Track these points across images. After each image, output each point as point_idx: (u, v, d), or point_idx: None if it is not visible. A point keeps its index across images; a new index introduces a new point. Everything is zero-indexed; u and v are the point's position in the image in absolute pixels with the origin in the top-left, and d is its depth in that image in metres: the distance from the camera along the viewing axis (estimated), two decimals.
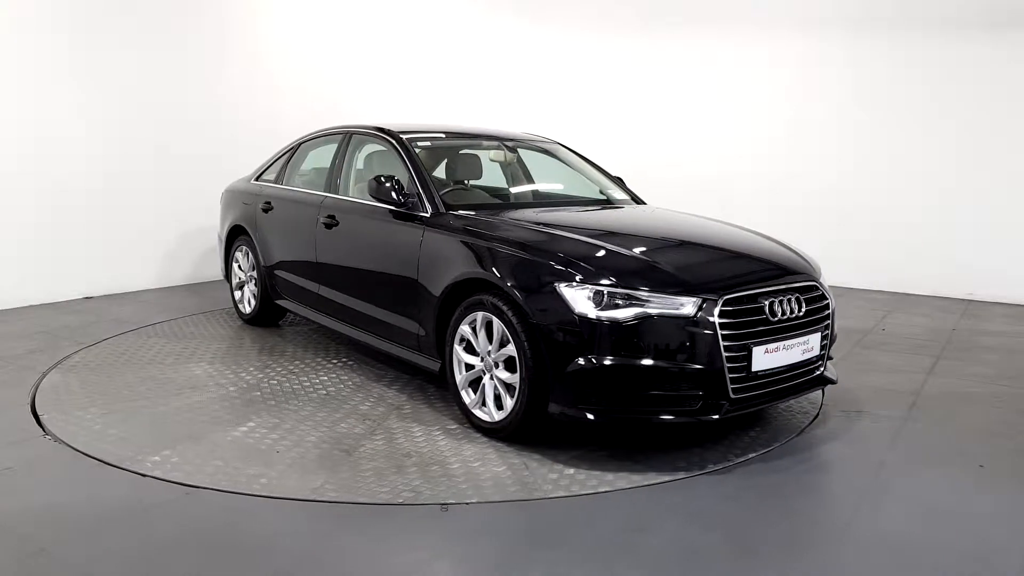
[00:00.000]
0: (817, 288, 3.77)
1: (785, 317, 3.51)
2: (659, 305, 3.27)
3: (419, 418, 3.97)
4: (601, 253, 3.57)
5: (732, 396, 3.35)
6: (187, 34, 7.34)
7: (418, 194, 4.22)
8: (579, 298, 3.30)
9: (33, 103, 6.30)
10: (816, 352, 3.69)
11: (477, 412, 3.74)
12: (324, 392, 4.33)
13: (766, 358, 3.42)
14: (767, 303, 3.46)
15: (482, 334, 3.66)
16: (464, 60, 9.70)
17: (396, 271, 4.20)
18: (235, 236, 5.94)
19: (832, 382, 3.86)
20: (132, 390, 4.28)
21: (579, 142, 8.80)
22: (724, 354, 3.29)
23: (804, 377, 3.69)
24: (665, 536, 2.89)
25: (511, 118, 9.12)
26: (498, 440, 3.65)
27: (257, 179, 5.88)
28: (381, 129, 4.83)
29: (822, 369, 3.80)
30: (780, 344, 3.47)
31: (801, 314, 3.59)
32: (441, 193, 4.25)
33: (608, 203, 4.92)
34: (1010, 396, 4.53)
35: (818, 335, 3.68)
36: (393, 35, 9.34)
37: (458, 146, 5.01)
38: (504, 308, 3.50)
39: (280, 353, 5.08)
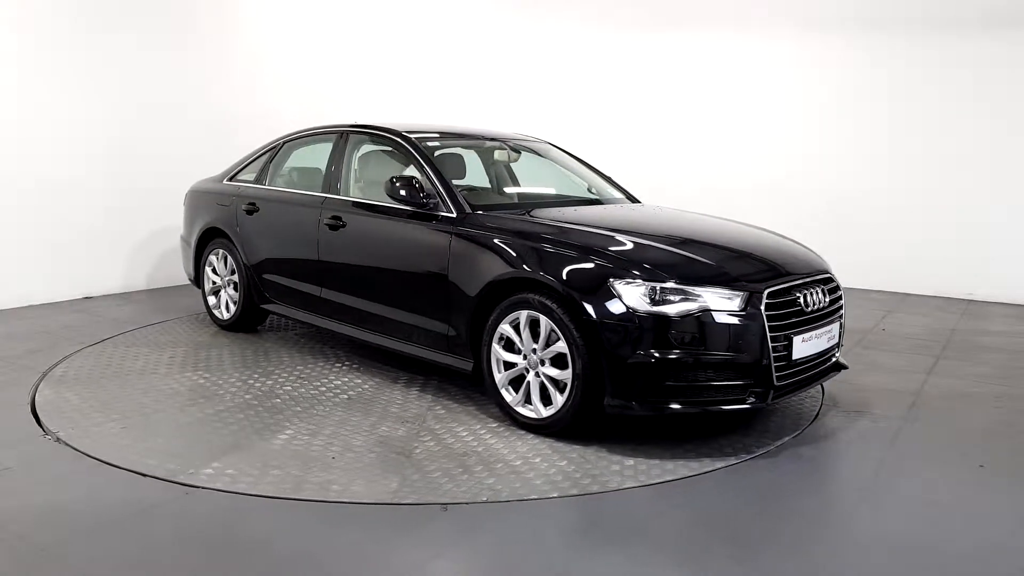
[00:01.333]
0: (832, 280, 4.04)
1: (816, 308, 3.76)
2: (710, 299, 3.42)
3: (456, 418, 3.98)
4: (650, 250, 3.71)
5: (776, 384, 3.52)
6: (187, 34, 7.35)
7: (439, 195, 4.21)
8: (635, 294, 3.40)
9: (33, 104, 6.30)
10: (836, 340, 3.96)
11: (521, 410, 3.78)
12: (345, 396, 4.27)
13: (803, 346, 3.64)
14: (801, 295, 3.69)
15: (526, 332, 3.70)
16: (460, 57, 9.70)
17: (421, 272, 4.17)
18: (208, 239, 5.70)
19: (845, 367, 4.12)
20: (140, 401, 4.13)
21: (577, 141, 8.82)
22: (770, 344, 3.46)
23: (825, 364, 3.92)
24: (664, 535, 2.89)
25: (508, 116, 9.12)
26: (546, 436, 3.70)
27: (231, 179, 5.69)
28: (388, 129, 4.78)
29: (837, 355, 4.05)
30: (812, 333, 3.71)
31: (827, 304, 3.85)
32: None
33: (605, 201, 4.95)
34: (1010, 396, 4.53)
35: (837, 324, 3.95)
36: (385, 32, 9.34)
37: (454, 146, 4.98)
38: (554, 306, 3.55)
39: (277, 359, 4.97)
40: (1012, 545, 2.82)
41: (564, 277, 3.55)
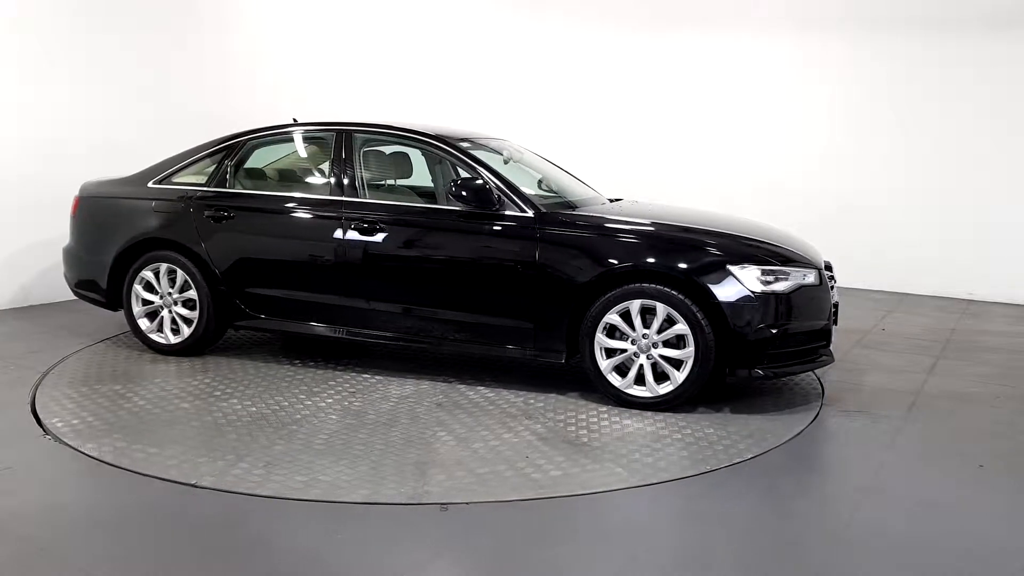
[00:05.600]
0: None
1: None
2: (799, 277, 4.06)
3: (562, 407, 4.14)
4: (735, 239, 4.19)
5: (830, 343, 4.24)
6: (187, 34, 7.34)
7: (508, 196, 4.32)
8: (750, 277, 3.95)
9: (34, 104, 6.30)
10: None
11: (631, 391, 4.09)
12: (431, 404, 4.15)
13: (837, 311, 4.36)
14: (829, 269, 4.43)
15: (638, 319, 4.02)
16: (455, 56, 9.68)
17: (498, 271, 4.28)
18: (138, 252, 4.94)
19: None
20: (240, 436, 3.66)
21: (575, 141, 8.84)
22: (832, 310, 4.21)
23: None
24: (664, 536, 2.89)
25: (505, 117, 9.10)
26: (662, 411, 4.03)
27: (160, 182, 5.03)
28: (415, 131, 4.74)
29: None
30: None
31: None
32: None
33: (576, 197, 4.93)
34: (1010, 396, 4.53)
35: None
36: (383, 31, 9.32)
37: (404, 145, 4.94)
38: (674, 292, 3.95)
39: (291, 379, 4.52)
40: (1012, 545, 2.82)
41: (689, 266, 4.00)
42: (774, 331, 3.95)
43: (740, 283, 3.93)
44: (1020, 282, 7.34)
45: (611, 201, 5.00)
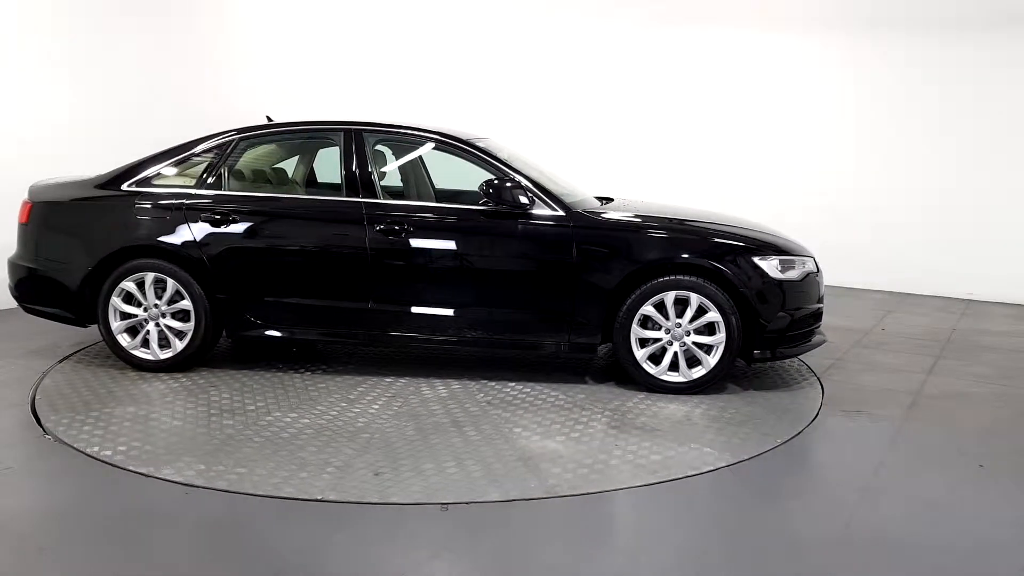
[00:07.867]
0: None
1: None
2: (804, 265, 4.45)
3: (606, 397, 4.30)
4: (749, 232, 4.54)
5: (820, 323, 4.63)
6: (187, 34, 7.35)
7: (538, 196, 4.44)
8: (770, 267, 4.30)
9: (34, 103, 6.30)
10: None
11: (666, 377, 4.34)
12: (478, 403, 4.15)
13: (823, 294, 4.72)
14: None
15: (672, 310, 4.28)
16: (454, 55, 9.68)
17: (539, 270, 4.46)
18: (118, 262, 4.54)
19: None
20: (281, 445, 3.55)
21: (568, 140, 8.83)
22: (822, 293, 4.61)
23: None
24: (663, 536, 2.89)
25: (505, 117, 9.09)
26: (696, 394, 4.30)
27: (136, 183, 4.67)
28: (438, 132, 4.72)
29: None
30: None
31: None
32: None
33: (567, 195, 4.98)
34: (1010, 396, 4.53)
35: None
36: (385, 31, 9.32)
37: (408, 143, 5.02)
38: (707, 283, 4.23)
39: (314, 388, 4.36)
40: (1012, 545, 2.82)
41: (720, 258, 4.28)
42: (791, 315, 4.32)
43: (764, 272, 4.27)
44: (1020, 282, 7.34)
45: (601, 200, 4.99)
